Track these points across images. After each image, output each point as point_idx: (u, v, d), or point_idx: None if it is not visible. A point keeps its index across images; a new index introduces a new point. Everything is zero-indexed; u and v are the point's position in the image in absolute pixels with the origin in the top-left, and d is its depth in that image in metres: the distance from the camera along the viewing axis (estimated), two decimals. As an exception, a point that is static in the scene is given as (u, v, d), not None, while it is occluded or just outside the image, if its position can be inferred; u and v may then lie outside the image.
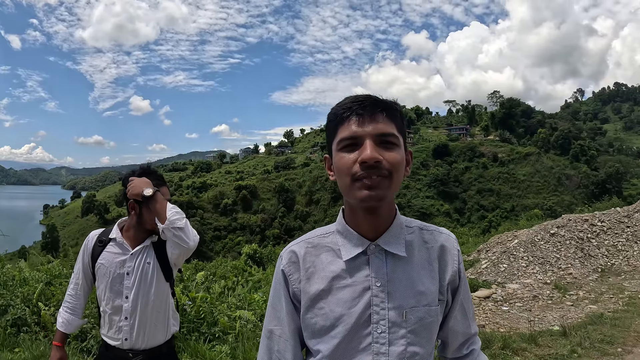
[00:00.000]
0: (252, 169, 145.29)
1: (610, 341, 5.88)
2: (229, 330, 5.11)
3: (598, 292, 8.85)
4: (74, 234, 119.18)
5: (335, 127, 1.40)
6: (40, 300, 5.55)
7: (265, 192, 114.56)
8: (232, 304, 5.93)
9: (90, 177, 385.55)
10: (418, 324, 1.41)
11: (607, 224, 12.08)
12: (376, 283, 1.39)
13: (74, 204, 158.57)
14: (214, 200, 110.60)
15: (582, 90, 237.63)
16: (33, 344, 4.77)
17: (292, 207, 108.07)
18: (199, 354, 4.57)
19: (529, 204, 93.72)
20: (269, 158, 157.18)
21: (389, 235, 1.42)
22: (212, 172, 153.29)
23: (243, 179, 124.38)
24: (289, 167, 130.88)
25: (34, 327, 5.20)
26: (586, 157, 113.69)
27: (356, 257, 1.42)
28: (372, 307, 1.39)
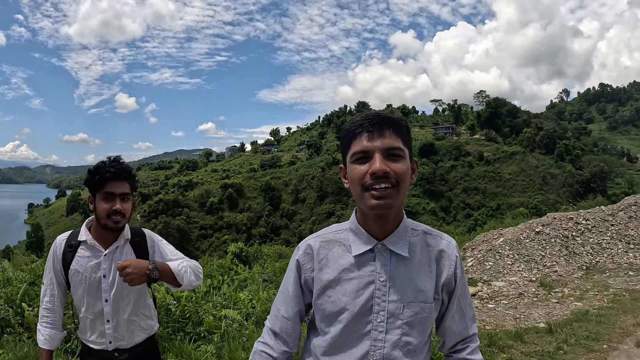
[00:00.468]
0: (239, 168, 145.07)
1: (596, 338, 5.92)
2: (215, 330, 5.07)
3: (583, 290, 8.92)
4: (58, 233, 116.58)
5: (349, 142, 1.60)
6: (23, 300, 5.45)
7: (251, 190, 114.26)
8: (218, 303, 5.88)
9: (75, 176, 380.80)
10: (413, 318, 1.61)
11: (591, 222, 12.18)
12: (380, 278, 1.61)
13: (59, 203, 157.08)
14: (200, 198, 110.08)
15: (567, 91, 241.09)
16: (17, 345, 4.70)
17: (278, 206, 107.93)
18: (184, 353, 4.52)
19: (515, 202, 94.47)
20: (255, 156, 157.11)
21: (394, 237, 1.63)
22: (198, 171, 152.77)
23: (229, 178, 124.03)
24: (275, 165, 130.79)
25: (18, 327, 5.11)
26: (571, 156, 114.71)
27: (364, 254, 1.63)
28: (375, 298, 1.60)
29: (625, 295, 8.28)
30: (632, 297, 8.13)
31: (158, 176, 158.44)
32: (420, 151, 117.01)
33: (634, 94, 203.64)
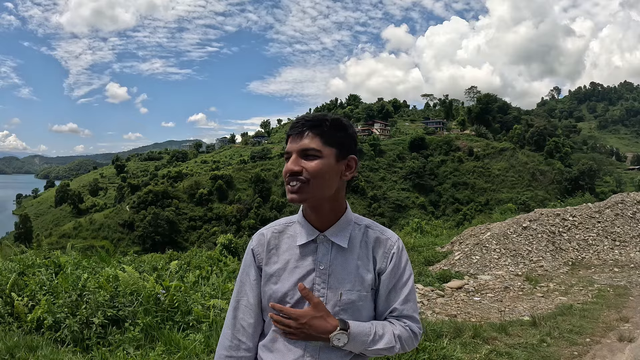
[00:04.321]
0: (229, 159, 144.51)
1: (579, 332, 5.99)
2: (203, 319, 5.11)
3: (568, 285, 9.03)
4: (47, 224, 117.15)
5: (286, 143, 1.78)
6: (13, 290, 5.42)
7: (241, 182, 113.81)
8: (207, 293, 5.93)
9: (64, 166, 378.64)
10: (349, 305, 1.75)
11: (578, 218, 12.32)
12: (320, 266, 1.75)
13: (48, 194, 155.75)
14: (190, 190, 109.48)
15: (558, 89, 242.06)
16: (7, 334, 4.66)
17: (268, 198, 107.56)
18: (173, 342, 4.56)
19: (503, 198, 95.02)
20: (246, 148, 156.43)
21: (335, 229, 1.77)
22: (188, 162, 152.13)
23: (219, 169, 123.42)
24: (265, 157, 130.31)
25: (7, 317, 5.08)
26: (560, 153, 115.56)
27: (307, 244, 1.78)
28: (314, 285, 1.74)
29: (610, 291, 8.39)
30: (616, 292, 8.24)
31: (148, 167, 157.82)
32: (410, 145, 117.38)
33: (624, 94, 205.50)
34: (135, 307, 5.04)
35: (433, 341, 5.17)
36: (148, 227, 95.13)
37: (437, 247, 12.99)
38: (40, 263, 6.75)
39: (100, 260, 7.89)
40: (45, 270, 6.30)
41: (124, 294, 5.23)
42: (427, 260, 11.42)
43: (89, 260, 7.38)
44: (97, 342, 4.68)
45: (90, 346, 4.63)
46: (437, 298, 8.18)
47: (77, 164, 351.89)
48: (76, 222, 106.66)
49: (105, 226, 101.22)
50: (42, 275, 5.97)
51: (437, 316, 7.03)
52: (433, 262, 11.26)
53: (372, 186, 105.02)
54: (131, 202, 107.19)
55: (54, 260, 6.85)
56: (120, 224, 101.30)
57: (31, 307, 5.19)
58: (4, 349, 4.30)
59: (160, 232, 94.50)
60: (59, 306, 4.99)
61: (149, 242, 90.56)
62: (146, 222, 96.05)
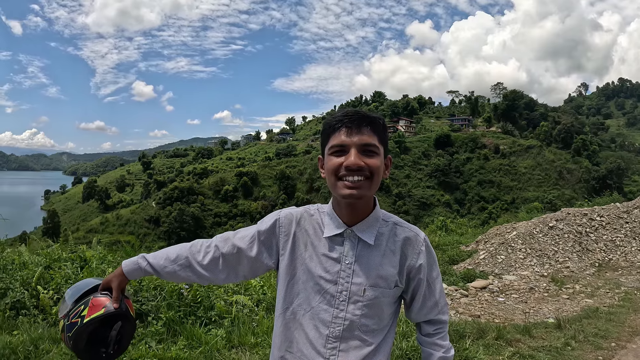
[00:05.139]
0: (254, 156, 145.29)
1: (605, 336, 5.88)
2: (225, 315, 5.15)
3: (594, 287, 8.87)
4: (74, 219, 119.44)
5: (328, 135, 1.74)
6: (39, 283, 5.50)
7: (266, 178, 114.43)
8: (229, 289, 5.97)
9: (92, 163, 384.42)
10: (372, 301, 1.75)
11: (606, 219, 12.08)
12: (345, 260, 1.75)
13: (75, 190, 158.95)
14: (215, 186, 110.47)
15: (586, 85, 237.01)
16: (32, 326, 4.74)
17: (292, 194, 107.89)
18: (195, 337, 4.60)
19: (529, 196, 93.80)
20: (271, 145, 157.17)
21: (363, 225, 1.77)
22: (213, 158, 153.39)
23: (244, 166, 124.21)
24: (290, 154, 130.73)
25: (33, 310, 5.15)
26: (588, 151, 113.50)
27: (334, 237, 1.77)
28: (339, 278, 1.74)
29: (637, 294, 8.22)
30: (643, 296, 8.08)
31: (173, 164, 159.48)
32: (435, 142, 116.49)
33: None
34: (159, 301, 5.10)
35: (455, 342, 5.13)
36: (173, 223, 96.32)
37: (461, 245, 12.86)
38: (66, 257, 6.78)
39: (125, 255, 8.02)
40: (71, 264, 6.35)
41: (147, 289, 5.30)
42: (452, 259, 11.32)
43: (114, 255, 7.49)
44: None
45: None
46: (460, 298, 8.11)
47: (104, 161, 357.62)
48: (103, 217, 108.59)
49: (132, 221, 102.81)
50: (68, 269, 6.03)
51: (460, 316, 6.96)
52: (457, 261, 11.16)
53: (397, 183, 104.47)
54: (157, 198, 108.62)
55: (79, 254, 6.87)
56: (146, 219, 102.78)
57: (56, 300, 5.26)
58: (29, 340, 4.36)
59: (185, 228, 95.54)
60: None
61: (174, 237, 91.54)
62: (172, 217, 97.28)
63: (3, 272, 5.63)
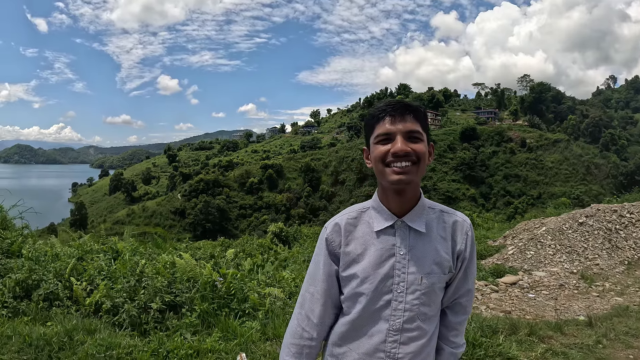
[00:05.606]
0: (279, 149, 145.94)
1: (636, 334, 5.81)
2: (259, 307, 5.18)
3: (624, 285, 8.75)
4: (101, 211, 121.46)
5: (373, 125, 1.80)
6: (72, 275, 5.57)
7: (291, 171, 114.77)
8: (262, 282, 6.02)
9: (118, 156, 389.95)
10: (429, 288, 1.80)
11: (636, 216, 11.84)
12: (400, 251, 1.79)
13: (102, 182, 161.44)
14: (240, 178, 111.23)
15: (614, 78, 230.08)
16: (65, 317, 4.79)
17: (317, 187, 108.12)
18: (230, 329, 4.65)
19: (556, 192, 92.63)
20: (296, 138, 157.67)
21: (413, 214, 1.81)
22: (239, 151, 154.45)
23: (269, 158, 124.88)
24: (315, 147, 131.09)
25: (66, 301, 5.22)
26: (616, 146, 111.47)
27: (385, 229, 1.81)
28: (395, 270, 1.78)
29: (667, 293, 8.10)
30: (674, 295, 7.96)
31: (199, 156, 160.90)
32: (461, 136, 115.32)
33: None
34: (193, 293, 5.15)
35: (489, 337, 5.13)
36: (199, 215, 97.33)
37: (488, 240, 12.77)
38: (98, 249, 6.92)
39: (156, 246, 8.15)
40: (103, 255, 6.48)
41: (181, 281, 5.36)
42: (480, 253, 11.25)
43: (145, 247, 7.62)
44: (154, 326, 4.80)
45: (148, 330, 4.75)
46: (491, 293, 8.09)
47: (130, 154, 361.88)
48: (129, 209, 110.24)
49: (158, 213, 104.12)
50: (101, 260, 6.14)
51: (492, 312, 6.96)
52: (485, 256, 11.10)
53: (423, 177, 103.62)
54: (183, 190, 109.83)
55: (111, 246, 7.00)
56: (172, 211, 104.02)
57: (89, 291, 5.35)
58: (63, 332, 4.40)
59: (210, 220, 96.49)
60: (117, 291, 5.14)
61: (200, 229, 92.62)
62: (197, 209, 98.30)
63: (36, 264, 5.69)
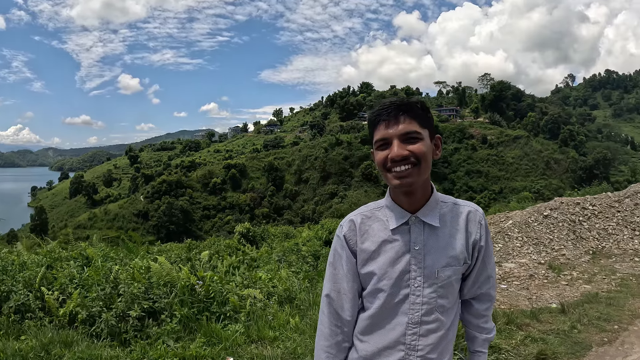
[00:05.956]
0: (241, 148, 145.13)
1: (607, 319, 6.07)
2: (240, 310, 5.12)
3: (591, 273, 9.01)
4: (62, 215, 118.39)
5: (372, 131, 1.82)
6: (42, 284, 5.35)
7: (254, 171, 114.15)
8: (239, 283, 5.95)
9: (78, 158, 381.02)
10: (446, 281, 1.83)
11: (598, 207, 12.22)
12: (415, 247, 1.82)
13: (62, 185, 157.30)
14: (203, 179, 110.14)
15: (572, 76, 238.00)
16: (39, 330, 4.62)
17: (281, 186, 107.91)
18: (213, 333, 4.57)
19: (517, 186, 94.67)
20: (258, 137, 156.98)
21: (426, 209, 1.83)
22: (201, 151, 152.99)
23: (232, 158, 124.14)
24: (278, 146, 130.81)
25: (39, 312, 5.03)
26: (575, 142, 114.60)
27: (400, 227, 1.84)
28: (411, 265, 1.81)
29: (632, 279, 8.36)
30: (638, 281, 8.22)
31: (161, 157, 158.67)
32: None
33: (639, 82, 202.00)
34: (171, 298, 5.03)
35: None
36: (162, 217, 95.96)
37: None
38: (67, 256, 6.67)
39: (128, 251, 7.96)
40: (73, 263, 6.22)
41: (158, 286, 5.21)
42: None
43: (117, 252, 7.40)
44: (134, 335, 4.66)
45: (128, 340, 4.61)
46: (463, 286, 8.22)
47: (90, 156, 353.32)
48: (91, 212, 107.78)
49: (120, 216, 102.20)
50: (71, 268, 5.90)
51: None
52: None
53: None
54: (145, 192, 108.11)
55: (81, 252, 6.74)
56: (135, 214, 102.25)
57: (62, 301, 5.14)
58: (39, 346, 4.25)
59: (174, 222, 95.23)
60: (93, 299, 4.97)
61: (164, 231, 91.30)
62: (160, 211, 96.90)
63: (4, 274, 5.46)
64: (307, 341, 4.53)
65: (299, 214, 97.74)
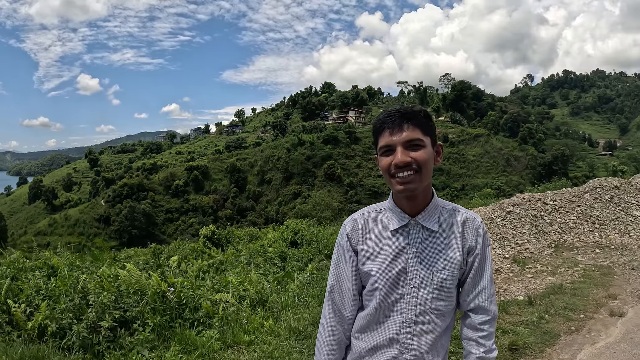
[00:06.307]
0: (203, 149, 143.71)
1: (573, 309, 6.30)
2: (213, 315, 5.06)
3: (554, 266, 9.26)
4: (21, 222, 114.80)
5: (377, 137, 1.90)
6: (7, 297, 5.15)
7: (216, 172, 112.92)
8: (210, 288, 5.87)
9: (37, 162, 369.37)
10: (441, 284, 1.91)
11: (558, 202, 12.55)
12: (412, 249, 1.91)
13: (21, 191, 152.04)
14: (165, 181, 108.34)
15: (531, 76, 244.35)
16: (8, 346, 4.43)
17: (244, 187, 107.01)
18: (189, 341, 4.50)
19: (478, 183, 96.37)
20: (220, 138, 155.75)
21: (425, 214, 1.92)
22: (163, 153, 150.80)
23: (194, 160, 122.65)
24: (240, 146, 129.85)
25: (6, 327, 4.85)
26: (534, 139, 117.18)
27: (399, 229, 1.93)
28: (408, 267, 1.90)
29: (595, 270, 8.63)
30: (600, 272, 8.49)
31: (122, 160, 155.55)
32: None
33: (596, 82, 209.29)
34: (142, 306, 4.92)
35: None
36: (124, 221, 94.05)
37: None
38: (32, 266, 6.47)
39: (94, 259, 7.77)
40: (39, 273, 6.06)
41: (128, 294, 5.09)
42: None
43: (82, 260, 7.21)
44: (107, 346, 4.55)
45: (101, 351, 4.51)
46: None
47: (49, 159, 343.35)
48: (51, 218, 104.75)
49: (81, 222, 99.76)
50: (37, 279, 5.73)
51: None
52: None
53: (349, 173, 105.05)
54: (106, 196, 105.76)
55: (46, 261, 6.56)
56: (96, 218, 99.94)
57: (29, 314, 4.98)
58: None
59: (137, 226, 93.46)
60: (62, 311, 4.83)
61: (126, 236, 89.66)
62: (122, 215, 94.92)
63: None
64: (283, 344, 4.53)
65: (263, 215, 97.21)
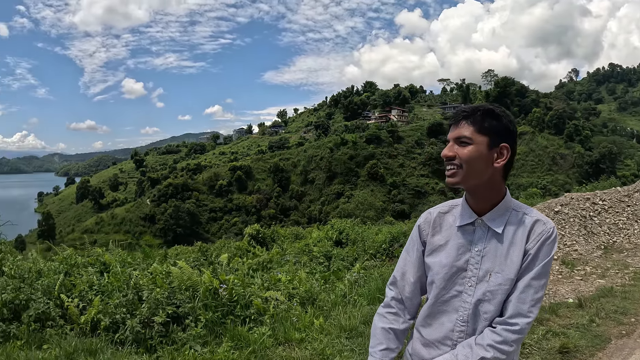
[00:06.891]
0: (246, 150, 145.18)
1: (624, 312, 6.17)
2: (264, 312, 5.13)
3: (604, 268, 9.05)
4: (69, 220, 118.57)
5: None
6: (61, 292, 5.25)
7: (260, 172, 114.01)
8: (260, 285, 5.91)
9: (84, 163, 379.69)
10: (496, 287, 1.89)
11: (607, 202, 12.23)
12: (475, 248, 1.94)
13: (69, 190, 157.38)
14: (209, 181, 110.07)
15: (576, 71, 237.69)
16: (62, 339, 4.53)
17: (287, 187, 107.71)
18: (241, 337, 4.57)
19: (524, 182, 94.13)
20: (263, 138, 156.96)
21: (493, 214, 1.94)
22: (206, 154, 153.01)
23: (237, 160, 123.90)
24: (283, 146, 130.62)
25: (59, 320, 4.92)
26: (580, 137, 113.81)
27: (466, 226, 1.97)
28: (469, 265, 1.94)
29: (645, 273, 8.44)
30: (652, 275, 8.30)
31: (166, 160, 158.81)
32: (428, 131, 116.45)
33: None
34: (195, 303, 5.02)
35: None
36: (169, 220, 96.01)
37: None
38: (84, 262, 6.52)
39: (145, 256, 7.97)
40: (91, 269, 6.14)
41: (181, 290, 5.18)
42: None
43: (134, 257, 7.36)
44: (159, 341, 4.63)
45: (154, 346, 4.57)
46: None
47: (96, 160, 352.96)
48: (98, 217, 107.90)
49: (127, 220, 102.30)
50: (90, 274, 5.82)
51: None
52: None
53: (391, 173, 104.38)
54: (151, 195, 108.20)
55: (98, 258, 6.66)
56: (142, 217, 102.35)
57: (82, 308, 5.07)
58: (63, 355, 4.20)
59: (181, 225, 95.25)
60: (115, 306, 4.91)
61: (171, 234, 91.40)
62: (167, 214, 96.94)
63: (21, 282, 5.31)
64: (334, 342, 4.59)
65: (306, 215, 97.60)
